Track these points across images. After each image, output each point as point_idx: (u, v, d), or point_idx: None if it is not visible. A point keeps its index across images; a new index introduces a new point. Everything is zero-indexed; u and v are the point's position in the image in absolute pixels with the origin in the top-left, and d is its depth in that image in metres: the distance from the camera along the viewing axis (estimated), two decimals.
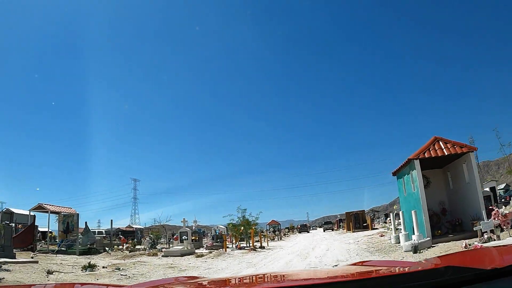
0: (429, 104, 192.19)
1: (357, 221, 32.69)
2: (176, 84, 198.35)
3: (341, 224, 52.95)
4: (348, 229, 32.53)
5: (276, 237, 36.96)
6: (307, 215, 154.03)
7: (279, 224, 63.32)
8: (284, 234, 45.71)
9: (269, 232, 48.15)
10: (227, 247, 22.51)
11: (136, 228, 53.56)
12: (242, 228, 21.07)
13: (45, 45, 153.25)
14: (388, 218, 32.12)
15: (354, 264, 2.52)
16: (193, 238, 28.02)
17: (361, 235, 23.61)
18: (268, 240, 31.83)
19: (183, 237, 18.25)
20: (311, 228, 72.77)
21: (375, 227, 30.78)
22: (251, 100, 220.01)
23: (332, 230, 49.07)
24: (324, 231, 49.24)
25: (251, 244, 20.43)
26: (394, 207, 37.31)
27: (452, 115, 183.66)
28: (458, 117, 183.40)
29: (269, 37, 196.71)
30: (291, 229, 68.88)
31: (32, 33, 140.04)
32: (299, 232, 55.50)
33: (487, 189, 17.25)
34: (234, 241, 24.25)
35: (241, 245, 21.22)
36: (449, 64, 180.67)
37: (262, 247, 20.98)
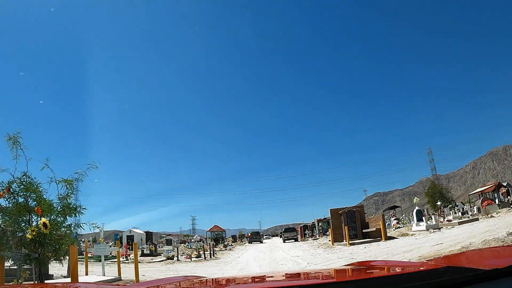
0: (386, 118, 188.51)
1: (352, 225, 17.91)
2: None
3: (306, 232, 38.71)
4: (337, 240, 17.64)
5: (208, 250, 20.94)
6: (259, 223, 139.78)
7: (224, 231, 47.56)
8: (225, 246, 29.65)
9: (204, 242, 31.99)
10: None
11: None
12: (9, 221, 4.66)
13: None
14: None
15: (354, 264, 2.20)
16: None
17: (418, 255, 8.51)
18: (182, 260, 16.22)
19: None
20: (264, 237, 57.30)
21: (392, 236, 16.14)
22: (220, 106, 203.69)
23: (296, 240, 34.26)
24: (284, 241, 34.30)
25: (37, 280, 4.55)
26: (415, 200, 23.56)
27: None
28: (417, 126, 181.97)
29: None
30: (240, 237, 53.18)
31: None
32: (250, 243, 39.94)
33: None
34: None
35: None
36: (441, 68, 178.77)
37: None
